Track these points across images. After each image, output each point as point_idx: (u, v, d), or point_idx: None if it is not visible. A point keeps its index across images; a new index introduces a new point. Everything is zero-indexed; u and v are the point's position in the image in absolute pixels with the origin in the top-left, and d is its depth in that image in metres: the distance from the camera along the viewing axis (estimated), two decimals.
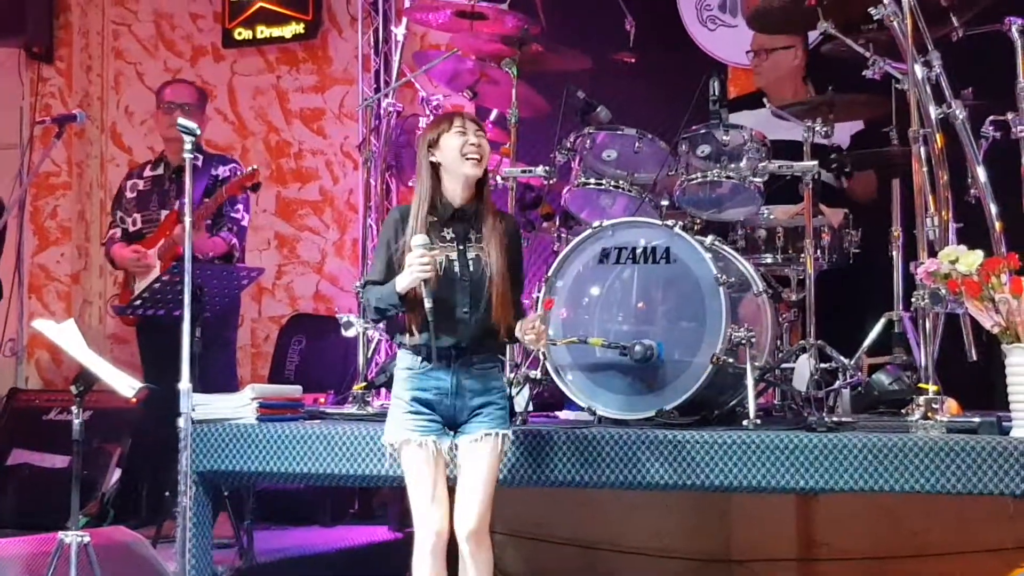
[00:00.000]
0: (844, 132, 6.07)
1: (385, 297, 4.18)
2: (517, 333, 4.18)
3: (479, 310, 4.17)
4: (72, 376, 4.95)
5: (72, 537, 4.59)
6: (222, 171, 6.88)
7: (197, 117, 6.68)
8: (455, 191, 4.23)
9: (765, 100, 6.16)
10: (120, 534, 5.42)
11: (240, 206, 6.85)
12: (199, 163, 6.79)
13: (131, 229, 7.01)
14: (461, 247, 4.20)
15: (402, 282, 4.12)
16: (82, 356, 4.81)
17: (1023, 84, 5.08)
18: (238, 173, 6.80)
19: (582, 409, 5.03)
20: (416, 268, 4.07)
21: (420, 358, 4.20)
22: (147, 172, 7.17)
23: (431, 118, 6.24)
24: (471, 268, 4.18)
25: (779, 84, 6.47)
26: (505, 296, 4.18)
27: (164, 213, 6.88)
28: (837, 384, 5.22)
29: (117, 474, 7.06)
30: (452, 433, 4.23)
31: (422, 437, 4.16)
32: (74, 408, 4.77)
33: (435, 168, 4.22)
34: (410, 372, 4.22)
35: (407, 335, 4.23)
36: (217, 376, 6.27)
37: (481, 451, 4.18)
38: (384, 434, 4.27)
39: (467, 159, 4.18)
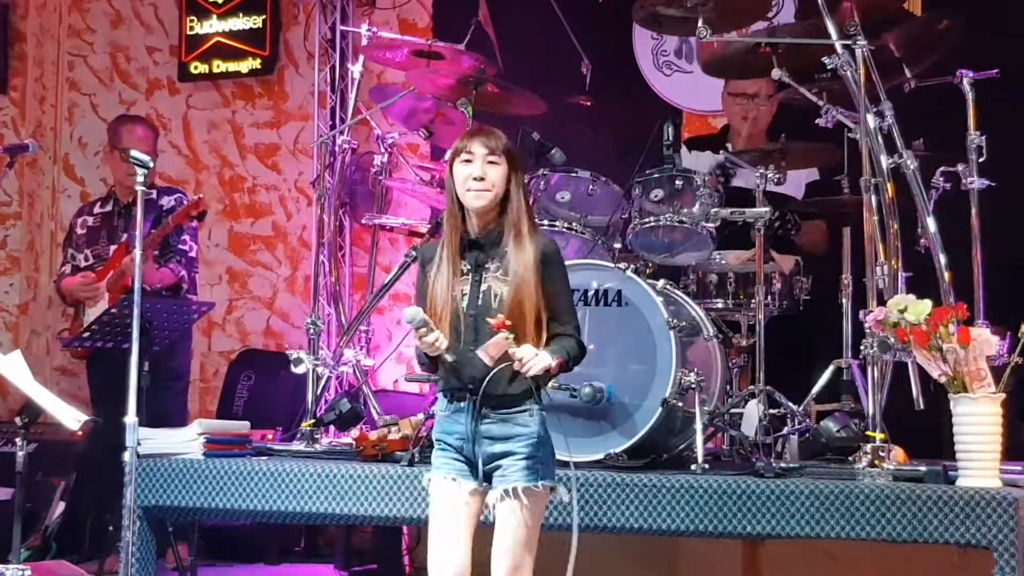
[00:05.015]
0: (799, 181, 6.10)
1: (417, 356, 3.94)
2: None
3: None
4: (17, 408, 4.91)
5: (13, 570, 4.55)
6: (166, 201, 6.87)
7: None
8: (470, 220, 3.87)
9: (721, 153, 6.15)
10: (62, 568, 5.38)
11: (187, 236, 6.83)
12: (150, 197, 6.80)
13: (81, 265, 7.01)
14: (476, 279, 3.85)
15: (419, 353, 3.88)
16: (28, 388, 4.78)
17: (973, 136, 5.14)
18: (183, 202, 6.78)
19: None
20: (424, 349, 3.79)
21: (446, 401, 3.92)
22: (96, 209, 7.17)
23: (386, 156, 6.27)
24: (479, 302, 3.82)
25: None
26: (519, 330, 3.75)
27: (113, 249, 6.87)
28: (785, 430, 5.21)
29: (61, 507, 7.00)
30: (480, 476, 3.87)
31: (444, 475, 3.88)
32: (18, 440, 4.74)
33: (455, 194, 3.89)
34: (439, 415, 3.95)
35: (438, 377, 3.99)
36: (168, 411, 6.25)
37: (504, 513, 3.82)
38: None
39: (468, 192, 3.82)
